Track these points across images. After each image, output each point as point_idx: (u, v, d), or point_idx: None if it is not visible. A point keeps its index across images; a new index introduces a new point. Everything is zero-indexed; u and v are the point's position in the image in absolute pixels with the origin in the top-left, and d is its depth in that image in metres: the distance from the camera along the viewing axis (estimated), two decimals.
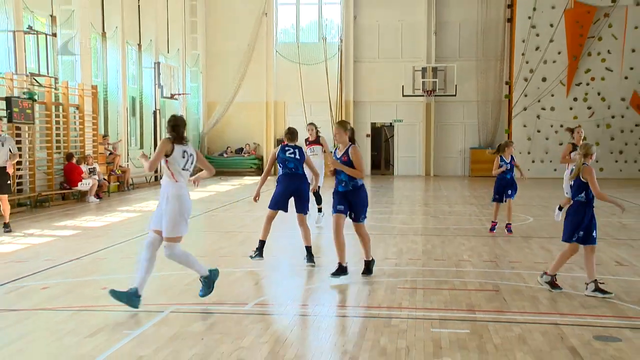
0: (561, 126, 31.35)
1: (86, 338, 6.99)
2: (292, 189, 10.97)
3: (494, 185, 14.66)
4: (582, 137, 14.29)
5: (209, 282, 8.27)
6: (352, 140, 9.92)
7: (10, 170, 14.80)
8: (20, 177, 19.69)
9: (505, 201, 14.38)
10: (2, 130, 14.20)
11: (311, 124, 16.35)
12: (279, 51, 34.86)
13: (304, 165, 11.16)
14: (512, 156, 14.44)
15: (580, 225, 9.11)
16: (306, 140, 15.64)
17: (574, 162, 10.30)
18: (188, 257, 8.27)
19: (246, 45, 33.95)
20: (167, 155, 8.19)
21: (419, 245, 12.99)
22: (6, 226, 14.71)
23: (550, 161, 31.83)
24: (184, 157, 8.35)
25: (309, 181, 11.76)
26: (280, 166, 11.11)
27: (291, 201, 11.03)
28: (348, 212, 9.66)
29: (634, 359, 6.46)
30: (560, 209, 14.79)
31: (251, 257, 10.88)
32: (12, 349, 6.72)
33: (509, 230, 14.27)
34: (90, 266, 11.20)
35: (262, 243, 10.91)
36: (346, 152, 9.75)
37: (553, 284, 9.14)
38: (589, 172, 9.13)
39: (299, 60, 34.24)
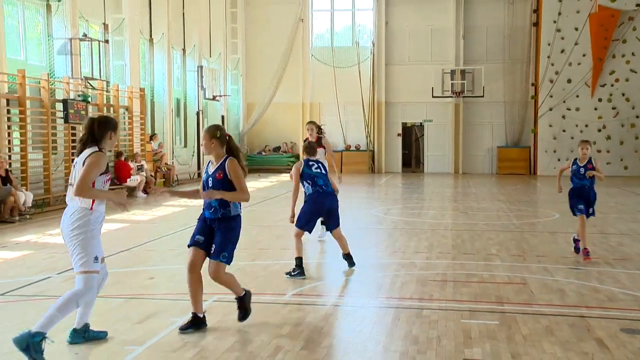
0: (586, 126, 31.16)
1: (136, 324, 7.06)
2: (325, 209, 9.94)
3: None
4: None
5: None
6: (230, 151, 7.02)
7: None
8: None
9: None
10: None
11: (311, 122, 13.81)
12: (315, 55, 34.87)
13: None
14: (590, 159, 11.22)
15: None
16: (305, 141, 13.65)
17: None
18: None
19: (283, 50, 33.98)
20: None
21: (449, 240, 12.90)
22: None
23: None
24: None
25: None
26: (307, 183, 9.91)
27: None
28: (206, 246, 6.88)
29: None
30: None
31: (291, 274, 9.45)
32: (67, 333, 6.79)
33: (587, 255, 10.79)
34: (138, 257, 11.32)
35: (299, 260, 9.56)
36: (221, 168, 6.93)
37: None
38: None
39: (333, 64, 34.22)
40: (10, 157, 16.94)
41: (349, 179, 17.36)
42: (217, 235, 6.81)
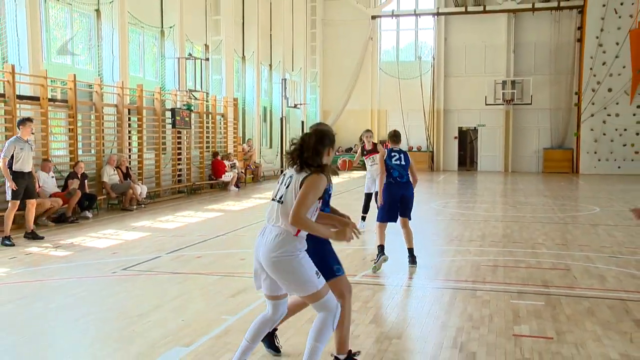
0: (625, 130, 30.25)
1: (229, 298, 7.17)
2: (398, 198, 9.09)
3: None
4: None
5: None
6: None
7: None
8: (180, 170, 20.42)
9: None
10: (33, 133, 11.73)
11: (368, 131, 12.98)
12: (382, 68, 34.75)
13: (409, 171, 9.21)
14: None
15: None
16: (363, 148, 12.96)
17: None
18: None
19: (355, 64, 33.97)
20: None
21: (500, 230, 12.67)
22: (33, 235, 11.39)
23: (615, 160, 30.57)
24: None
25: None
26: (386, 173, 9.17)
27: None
28: None
29: None
30: None
31: (374, 265, 8.82)
32: (175, 303, 6.99)
33: None
34: (231, 241, 11.49)
35: (381, 247, 8.91)
36: None
37: None
38: None
39: (398, 76, 34.05)
40: (129, 156, 17.46)
41: None
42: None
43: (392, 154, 9.15)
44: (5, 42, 13.64)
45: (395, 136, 9.28)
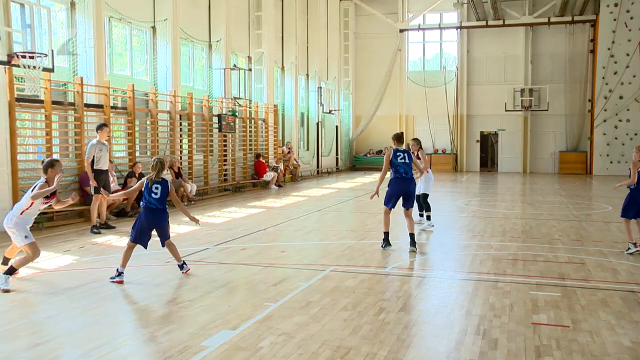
0: (635, 134, 29.61)
1: (271, 286, 7.21)
2: (402, 192, 9.64)
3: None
4: None
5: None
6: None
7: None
8: (226, 170, 20.61)
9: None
10: (109, 137, 12.24)
11: (415, 139, 12.87)
12: (409, 77, 34.52)
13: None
14: None
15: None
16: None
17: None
18: None
19: (384, 73, 33.84)
20: None
21: (519, 227, 12.51)
22: (106, 226, 12.00)
23: (626, 162, 29.82)
24: None
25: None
26: (392, 170, 9.74)
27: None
28: None
29: None
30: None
31: (382, 247, 9.62)
32: (222, 291, 7.07)
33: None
34: (273, 235, 11.52)
35: (386, 234, 9.65)
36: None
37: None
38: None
39: (425, 84, 33.81)
40: (181, 157, 17.68)
41: (437, 176, 17.00)
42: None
43: (398, 153, 9.69)
44: (76, 57, 13.99)
45: (399, 138, 9.86)
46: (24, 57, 10.65)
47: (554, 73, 32.28)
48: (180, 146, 17.98)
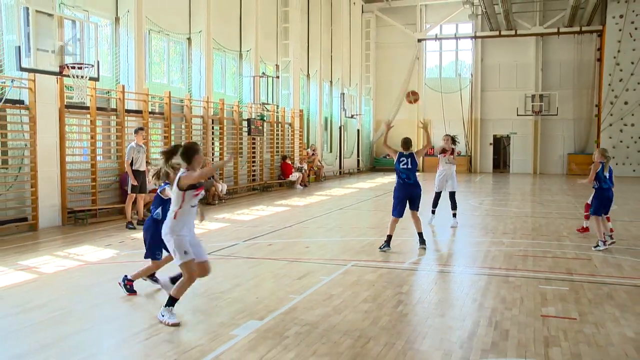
0: (639, 138, 29.12)
1: (296, 280, 7.23)
2: (407, 197, 9.29)
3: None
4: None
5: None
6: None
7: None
8: (254, 171, 20.72)
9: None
10: (144, 140, 12.16)
11: (447, 135, 13.05)
12: (427, 83, 34.32)
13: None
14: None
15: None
16: (443, 149, 12.88)
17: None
18: None
19: (403, 80, 33.73)
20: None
21: (529, 224, 12.38)
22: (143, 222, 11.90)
23: (630, 164, 29.51)
24: None
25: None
26: (396, 175, 9.43)
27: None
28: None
29: None
30: None
31: (381, 248, 9.16)
32: (250, 283, 7.12)
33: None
34: (297, 231, 11.55)
35: (389, 238, 9.19)
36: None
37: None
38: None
39: (441, 90, 33.61)
40: (212, 159, 17.82)
41: None
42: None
43: (401, 158, 9.33)
44: (119, 66, 14.21)
45: (406, 143, 9.54)
46: (73, 67, 10.88)
47: (563, 80, 31.93)
48: (212, 148, 18.12)
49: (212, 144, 18.12)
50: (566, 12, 29.61)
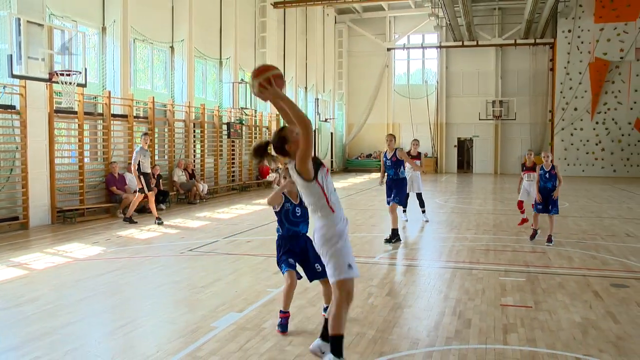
0: (587, 141, 30.12)
1: (273, 274, 7.19)
2: (393, 189, 9.84)
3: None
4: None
5: None
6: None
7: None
8: (234, 172, 20.60)
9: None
10: (148, 145, 12.03)
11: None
12: (396, 90, 34.52)
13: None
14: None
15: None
16: (408, 153, 12.79)
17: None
18: None
19: (374, 86, 33.91)
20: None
21: (491, 221, 12.57)
22: (158, 220, 11.77)
23: (580, 165, 30.25)
24: None
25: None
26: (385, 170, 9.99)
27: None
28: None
29: (638, 299, 6.13)
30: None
31: (391, 242, 9.39)
32: (229, 278, 7.09)
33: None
34: (275, 229, 11.51)
35: (395, 230, 9.50)
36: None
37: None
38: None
39: (409, 96, 33.83)
40: (194, 160, 17.69)
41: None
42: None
43: (385, 159, 10.05)
44: (105, 73, 14.02)
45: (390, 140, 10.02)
46: (62, 74, 10.78)
47: (520, 87, 32.48)
48: (194, 151, 17.98)
49: (194, 146, 17.97)
50: (522, 26, 30.13)
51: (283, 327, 4.95)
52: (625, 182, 25.05)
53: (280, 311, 5.00)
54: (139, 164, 11.67)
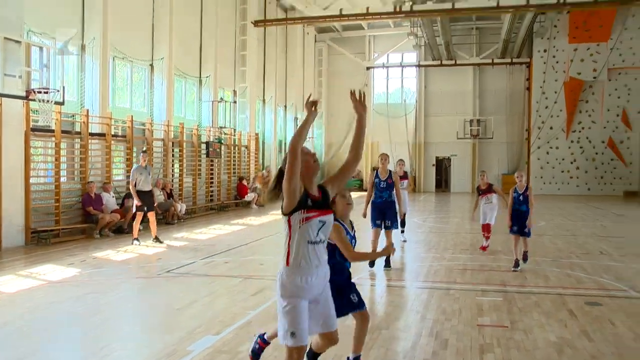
0: (563, 159, 30.82)
1: (251, 296, 7.18)
2: (382, 213, 9.15)
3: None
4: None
5: None
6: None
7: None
8: (212, 191, 20.50)
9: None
10: (146, 162, 11.94)
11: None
12: (375, 109, 34.78)
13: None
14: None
15: None
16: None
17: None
18: None
19: (353, 105, 34.14)
20: None
21: (468, 240, 12.70)
22: (156, 239, 11.79)
23: (556, 183, 30.87)
24: None
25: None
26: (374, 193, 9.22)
27: None
28: None
29: (610, 317, 6.24)
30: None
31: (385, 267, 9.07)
32: (205, 300, 7.04)
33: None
34: (253, 249, 11.47)
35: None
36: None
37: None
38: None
39: (388, 115, 34.19)
40: (172, 180, 17.58)
41: None
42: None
43: (376, 180, 9.21)
44: (84, 91, 13.95)
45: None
46: (39, 92, 10.66)
47: (497, 106, 33.04)
48: (172, 170, 17.88)
49: (172, 165, 17.88)
50: (499, 45, 30.86)
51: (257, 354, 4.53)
52: (598, 200, 25.56)
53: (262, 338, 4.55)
54: (136, 182, 11.60)
